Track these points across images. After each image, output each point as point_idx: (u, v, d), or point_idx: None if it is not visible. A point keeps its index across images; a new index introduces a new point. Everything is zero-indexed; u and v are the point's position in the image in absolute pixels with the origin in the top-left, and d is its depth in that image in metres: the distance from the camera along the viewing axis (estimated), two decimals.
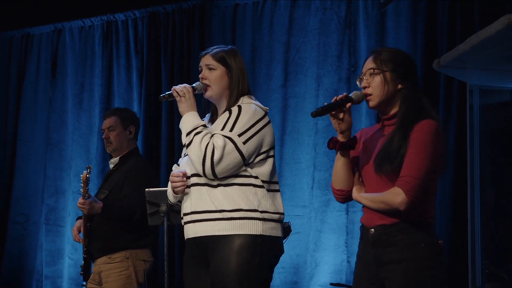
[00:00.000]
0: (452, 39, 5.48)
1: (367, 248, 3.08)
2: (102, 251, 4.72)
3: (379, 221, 3.03)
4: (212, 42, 6.50)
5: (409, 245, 2.97)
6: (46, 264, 7.01)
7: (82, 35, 7.20)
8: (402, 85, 3.09)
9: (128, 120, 4.99)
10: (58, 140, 7.17)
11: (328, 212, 5.91)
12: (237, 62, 3.51)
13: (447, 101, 5.49)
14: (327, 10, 6.15)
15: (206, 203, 3.36)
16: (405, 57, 3.14)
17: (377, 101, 3.10)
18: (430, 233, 3.02)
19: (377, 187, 3.04)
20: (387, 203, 2.97)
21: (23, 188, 7.29)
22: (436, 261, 2.98)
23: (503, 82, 4.40)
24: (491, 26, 3.56)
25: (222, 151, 3.27)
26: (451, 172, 5.38)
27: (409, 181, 2.91)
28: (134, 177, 4.78)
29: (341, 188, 3.19)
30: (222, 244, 3.30)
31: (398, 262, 2.96)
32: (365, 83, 3.11)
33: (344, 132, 3.10)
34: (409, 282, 2.94)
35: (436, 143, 2.97)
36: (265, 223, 3.34)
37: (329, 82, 6.05)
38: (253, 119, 3.38)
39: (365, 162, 3.13)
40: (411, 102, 3.06)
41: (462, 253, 4.96)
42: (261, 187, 3.38)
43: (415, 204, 2.93)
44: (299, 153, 6.13)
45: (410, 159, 2.94)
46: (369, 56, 3.15)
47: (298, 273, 6.03)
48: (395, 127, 3.04)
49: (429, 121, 2.99)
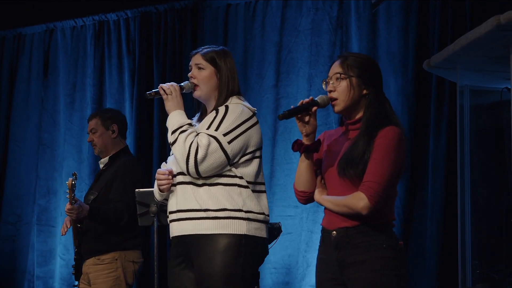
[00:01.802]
0: (444, 39, 5.48)
1: (330, 250, 3.11)
2: (91, 252, 4.71)
3: (341, 223, 3.08)
4: (204, 42, 6.49)
5: (372, 246, 3.02)
6: (37, 264, 6.99)
7: (74, 35, 7.19)
8: (367, 90, 3.13)
9: (109, 119, 4.94)
10: (50, 140, 7.16)
11: (320, 212, 5.90)
12: (227, 62, 3.51)
13: (439, 102, 5.50)
14: (319, 10, 6.15)
15: (190, 201, 3.36)
16: (371, 63, 3.19)
17: (343, 106, 3.14)
18: (391, 235, 3.08)
19: (340, 190, 3.09)
20: (350, 207, 3.02)
21: (15, 188, 7.27)
22: (399, 261, 3.05)
23: (493, 83, 4.41)
24: (480, 27, 3.57)
25: (206, 149, 3.27)
26: (442, 172, 5.39)
27: (372, 187, 2.97)
28: (123, 177, 4.76)
29: (303, 189, 3.23)
30: (207, 244, 3.30)
31: (362, 263, 3.01)
32: (331, 87, 3.16)
33: (309, 135, 3.15)
34: (374, 282, 3.00)
35: (399, 150, 3.03)
36: (250, 223, 3.34)
37: (321, 82, 6.03)
38: (240, 119, 3.37)
39: (329, 165, 3.17)
40: (376, 107, 3.11)
41: (453, 254, 4.97)
42: (246, 187, 3.37)
43: (377, 209, 2.99)
44: (291, 153, 6.11)
45: (374, 165, 2.99)
46: (336, 61, 3.20)
47: (290, 273, 6.03)
48: (359, 132, 3.09)
49: (393, 128, 3.05)
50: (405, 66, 5.71)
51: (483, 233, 4.67)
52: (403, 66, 5.72)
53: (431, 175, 5.50)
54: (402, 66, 5.72)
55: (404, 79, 5.70)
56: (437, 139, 5.49)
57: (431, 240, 5.44)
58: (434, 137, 5.50)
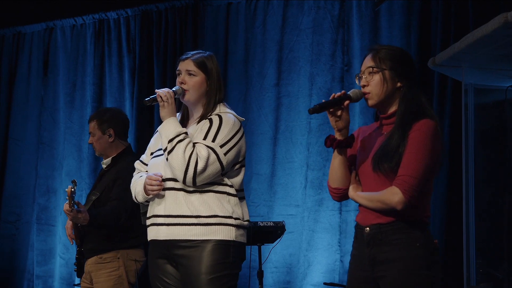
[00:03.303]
0: (446, 38, 5.47)
1: (362, 247, 3.06)
2: (93, 251, 4.69)
3: (374, 220, 3.02)
4: (205, 41, 6.50)
5: (405, 244, 2.95)
6: (37, 263, 6.98)
7: (74, 33, 7.18)
8: (401, 83, 3.07)
9: (106, 123, 4.87)
10: (49, 139, 7.14)
11: (321, 211, 5.90)
12: (216, 70, 3.57)
13: (441, 100, 5.49)
14: (320, 9, 6.14)
15: (181, 208, 3.43)
16: (404, 55, 3.12)
17: (376, 100, 3.08)
18: (426, 233, 3.00)
19: (375, 186, 3.02)
20: (384, 202, 2.95)
21: (15, 187, 7.26)
22: (432, 261, 2.97)
23: (498, 81, 4.40)
24: (487, 24, 3.55)
25: (206, 161, 3.35)
26: (446, 171, 5.38)
27: (406, 181, 2.90)
28: (124, 179, 4.73)
29: (337, 186, 3.17)
30: (196, 248, 3.39)
31: (393, 261, 2.95)
32: (364, 82, 3.09)
33: (342, 130, 3.09)
34: (405, 281, 2.93)
35: (435, 143, 2.96)
36: (238, 229, 3.45)
37: (323, 81, 6.04)
38: (233, 131, 3.46)
39: (363, 161, 3.11)
40: (410, 101, 3.04)
41: (457, 253, 4.96)
42: (234, 195, 3.48)
43: (412, 204, 2.92)
44: (292, 152, 6.12)
45: (408, 159, 2.92)
46: (367, 54, 3.13)
47: (291, 272, 6.02)
48: (394, 126, 3.03)
49: (428, 121, 2.98)
50: None
51: (487, 232, 4.66)
52: None
53: None
54: None
55: None
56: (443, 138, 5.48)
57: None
58: None
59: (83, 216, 4.48)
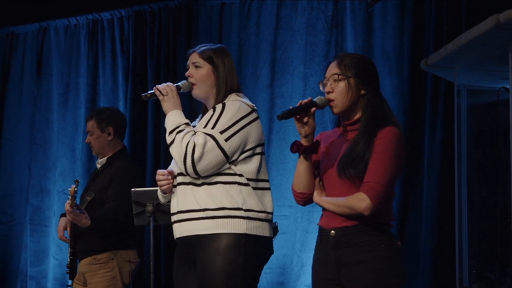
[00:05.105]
0: (439, 39, 5.48)
1: (327, 250, 3.11)
2: (86, 252, 4.69)
3: (340, 223, 3.08)
4: (198, 41, 6.47)
5: (371, 246, 3.03)
6: (30, 264, 6.96)
7: (67, 34, 7.16)
8: (365, 90, 3.13)
9: (105, 121, 4.88)
10: (43, 139, 7.13)
11: (315, 212, 5.90)
12: (224, 60, 3.49)
13: (434, 101, 5.49)
14: (314, 9, 6.14)
15: (190, 202, 3.33)
16: (368, 63, 3.20)
17: (341, 108, 3.14)
18: (390, 235, 3.09)
19: (339, 191, 3.08)
20: (351, 207, 3.01)
21: (8, 187, 7.24)
22: (397, 261, 3.06)
23: (491, 82, 4.39)
24: (479, 25, 3.55)
25: (202, 148, 3.24)
26: (438, 172, 5.39)
27: (374, 187, 2.97)
28: (121, 179, 4.73)
29: (302, 191, 3.22)
30: (207, 244, 3.28)
31: (360, 262, 3.01)
32: (329, 88, 3.16)
33: (308, 136, 3.14)
34: (372, 282, 2.99)
35: (399, 150, 3.04)
36: (250, 221, 3.31)
37: (316, 82, 6.03)
38: (237, 116, 3.34)
39: (327, 166, 3.16)
40: (374, 108, 3.11)
41: (448, 254, 4.97)
42: (246, 185, 3.34)
43: (379, 209, 2.99)
44: (286, 153, 6.11)
45: (375, 165, 2.99)
46: (332, 61, 3.20)
47: (284, 273, 6.02)
48: (359, 133, 3.09)
49: (392, 128, 3.05)
50: (400, 65, 5.71)
51: (479, 233, 4.66)
52: (398, 65, 5.71)
53: (426, 174, 5.49)
54: (397, 66, 5.72)
55: (399, 78, 5.70)
56: (432, 139, 5.48)
57: (426, 240, 5.43)
58: (429, 136, 5.50)
59: (83, 219, 4.47)
